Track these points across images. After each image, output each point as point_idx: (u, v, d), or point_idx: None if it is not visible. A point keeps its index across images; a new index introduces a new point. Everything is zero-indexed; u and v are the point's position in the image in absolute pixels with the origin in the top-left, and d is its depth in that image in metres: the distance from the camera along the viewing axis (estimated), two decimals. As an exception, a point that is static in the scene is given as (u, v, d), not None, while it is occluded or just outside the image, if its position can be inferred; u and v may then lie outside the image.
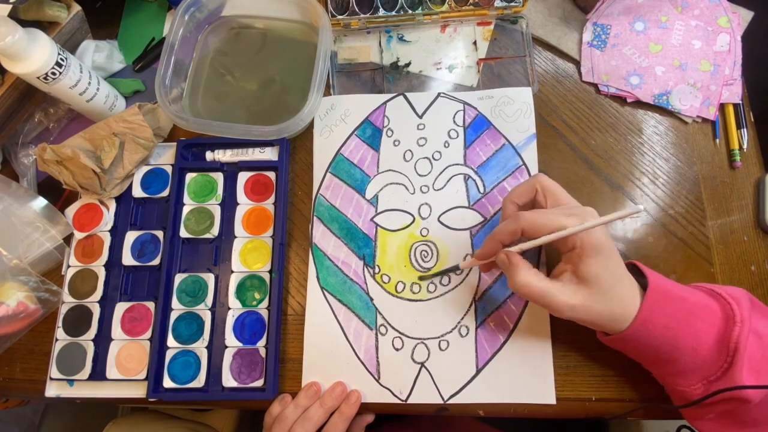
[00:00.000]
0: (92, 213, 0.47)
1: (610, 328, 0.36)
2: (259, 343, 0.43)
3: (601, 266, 0.34)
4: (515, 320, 0.43)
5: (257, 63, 0.52)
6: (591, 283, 0.34)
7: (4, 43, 0.38)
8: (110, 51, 0.52)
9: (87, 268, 0.46)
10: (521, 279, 0.35)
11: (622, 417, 0.42)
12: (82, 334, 0.44)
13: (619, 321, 0.35)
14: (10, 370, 0.45)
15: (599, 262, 0.34)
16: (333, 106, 0.50)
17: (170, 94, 0.46)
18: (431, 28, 0.52)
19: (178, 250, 0.46)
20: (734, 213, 0.46)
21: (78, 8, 0.48)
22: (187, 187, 0.48)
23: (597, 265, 0.34)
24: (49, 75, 0.42)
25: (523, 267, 0.36)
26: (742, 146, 0.47)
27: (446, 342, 0.42)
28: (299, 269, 0.46)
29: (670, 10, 0.51)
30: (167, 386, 0.42)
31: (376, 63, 0.52)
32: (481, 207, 0.45)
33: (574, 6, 0.53)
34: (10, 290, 0.43)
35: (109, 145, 0.44)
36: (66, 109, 0.51)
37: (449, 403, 0.41)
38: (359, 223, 0.46)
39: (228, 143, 0.48)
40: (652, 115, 0.49)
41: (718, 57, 0.49)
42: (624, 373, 0.42)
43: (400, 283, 0.44)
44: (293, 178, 0.49)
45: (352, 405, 0.41)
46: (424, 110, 0.49)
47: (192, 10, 0.49)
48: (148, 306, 0.45)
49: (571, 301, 0.34)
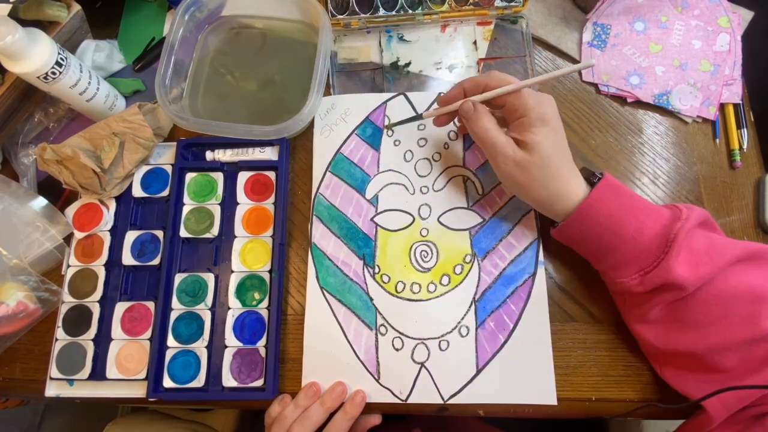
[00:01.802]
0: (92, 213, 0.47)
1: (547, 204, 0.38)
2: (259, 343, 0.43)
3: (542, 136, 0.37)
4: (515, 320, 0.43)
5: (257, 63, 0.52)
6: (532, 150, 0.37)
7: (4, 42, 0.38)
8: (110, 51, 0.52)
9: (87, 268, 0.46)
10: (484, 123, 0.39)
11: (622, 417, 0.42)
12: (82, 333, 0.44)
13: (558, 199, 0.37)
14: (10, 370, 0.45)
15: (542, 132, 0.37)
16: (333, 106, 0.50)
17: (170, 94, 0.46)
18: (431, 27, 0.52)
19: (178, 250, 0.46)
20: (734, 213, 0.46)
21: (78, 8, 0.48)
22: (187, 186, 0.48)
23: (540, 134, 0.37)
24: (49, 75, 0.42)
25: (485, 113, 0.39)
26: (742, 146, 0.47)
27: (446, 342, 0.42)
28: (299, 269, 0.46)
29: (670, 10, 0.51)
30: (167, 386, 0.42)
31: (376, 63, 0.52)
32: (480, 208, 0.46)
33: (574, 6, 0.53)
34: (10, 290, 0.43)
35: (109, 144, 0.44)
36: (66, 109, 0.51)
37: (449, 403, 0.41)
38: (359, 222, 0.46)
39: (228, 143, 0.48)
40: (652, 115, 0.49)
41: (718, 57, 0.49)
42: (624, 373, 0.42)
43: (400, 283, 0.44)
44: (293, 178, 0.49)
45: (356, 405, 0.41)
46: (424, 110, 0.49)
47: (192, 10, 0.49)
48: (148, 306, 0.45)
49: (515, 156, 0.37)
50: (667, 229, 0.35)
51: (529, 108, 0.37)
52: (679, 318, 0.36)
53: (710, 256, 0.34)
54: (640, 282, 0.36)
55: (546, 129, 0.37)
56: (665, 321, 0.37)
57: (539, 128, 0.37)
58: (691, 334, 0.36)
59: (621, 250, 0.36)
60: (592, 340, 0.43)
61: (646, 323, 0.38)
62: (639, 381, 0.41)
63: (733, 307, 0.34)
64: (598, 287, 0.43)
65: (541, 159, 0.36)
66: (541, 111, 0.37)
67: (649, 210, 0.36)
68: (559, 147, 0.38)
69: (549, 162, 0.37)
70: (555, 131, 0.37)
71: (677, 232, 0.34)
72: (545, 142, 0.36)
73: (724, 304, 0.34)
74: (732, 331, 0.34)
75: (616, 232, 0.36)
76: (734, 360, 0.35)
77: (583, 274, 0.44)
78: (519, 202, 0.45)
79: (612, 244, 0.36)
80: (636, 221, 0.36)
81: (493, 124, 0.39)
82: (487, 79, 0.39)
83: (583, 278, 0.44)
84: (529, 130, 0.37)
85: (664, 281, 0.34)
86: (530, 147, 0.37)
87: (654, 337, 0.38)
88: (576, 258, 0.44)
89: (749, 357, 0.34)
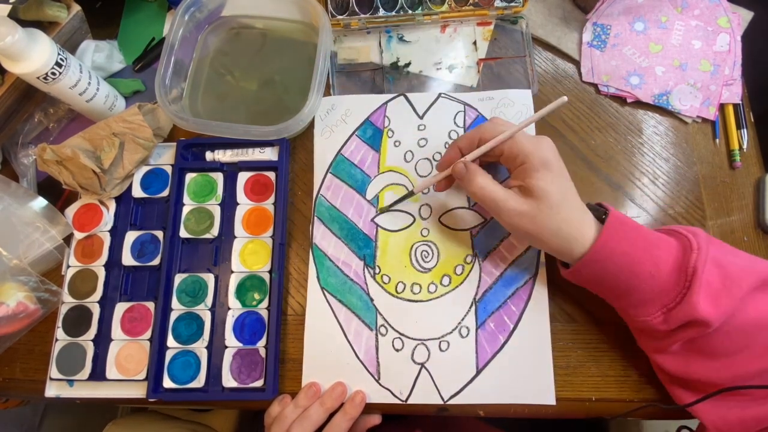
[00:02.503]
0: (92, 213, 0.47)
1: (561, 250, 0.36)
2: (259, 344, 0.43)
3: (548, 181, 0.35)
4: (515, 321, 0.43)
5: (257, 63, 0.52)
6: (537, 197, 0.35)
7: (4, 43, 0.38)
8: (110, 51, 0.52)
9: (87, 268, 0.46)
10: (478, 182, 0.37)
11: (622, 417, 0.42)
12: (82, 334, 0.44)
13: (571, 243, 0.36)
14: (10, 370, 0.45)
15: (546, 177, 0.35)
16: (334, 107, 0.50)
17: (170, 94, 0.46)
18: (431, 28, 0.52)
19: (178, 250, 0.46)
20: (734, 213, 0.46)
21: (78, 8, 0.48)
22: (187, 187, 0.48)
23: (544, 179, 0.35)
24: (49, 75, 0.42)
25: (479, 172, 0.38)
26: (742, 146, 0.47)
27: (446, 343, 0.42)
28: (299, 269, 0.46)
29: (670, 10, 0.51)
30: (167, 386, 0.42)
31: (376, 63, 0.52)
32: (481, 208, 0.45)
33: (574, 6, 0.53)
34: (10, 290, 0.43)
35: (109, 145, 0.44)
36: (66, 109, 0.51)
37: (449, 403, 0.41)
38: (360, 223, 0.46)
39: (228, 143, 0.48)
40: (652, 115, 0.49)
41: (718, 57, 0.49)
42: (624, 373, 0.42)
43: (401, 284, 0.44)
44: (293, 178, 0.49)
45: (356, 405, 0.41)
46: (424, 111, 0.49)
47: (192, 10, 0.49)
48: (147, 306, 0.45)
49: (519, 208, 0.36)
50: (683, 263, 0.34)
51: (527, 153, 0.36)
52: (699, 350, 0.35)
53: (728, 289, 0.33)
54: (664, 320, 0.34)
55: (550, 174, 0.35)
56: (686, 352, 0.36)
57: (543, 174, 0.35)
58: (714, 365, 0.35)
59: (640, 289, 0.35)
60: (592, 340, 0.43)
61: (665, 354, 0.37)
62: (639, 381, 0.41)
63: (755, 337, 0.33)
64: (598, 287, 0.43)
65: (550, 207, 0.35)
66: (542, 156, 0.35)
67: (659, 241, 0.35)
68: (565, 191, 0.36)
69: (558, 209, 0.35)
70: (559, 175, 0.36)
71: (695, 265, 0.33)
72: (551, 188, 0.35)
73: (745, 335, 0.34)
74: (755, 361, 0.34)
75: (634, 271, 0.34)
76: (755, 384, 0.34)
77: (583, 275, 0.44)
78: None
79: (631, 284, 0.35)
80: (651, 256, 0.34)
81: (489, 180, 0.37)
82: (480, 133, 0.38)
83: (583, 278, 0.44)
84: (533, 176, 0.35)
85: (689, 319, 0.33)
86: (536, 195, 0.35)
87: (674, 367, 0.37)
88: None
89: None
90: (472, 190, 0.38)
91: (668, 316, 0.34)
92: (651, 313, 0.35)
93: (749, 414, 0.34)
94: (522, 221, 0.36)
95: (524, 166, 0.36)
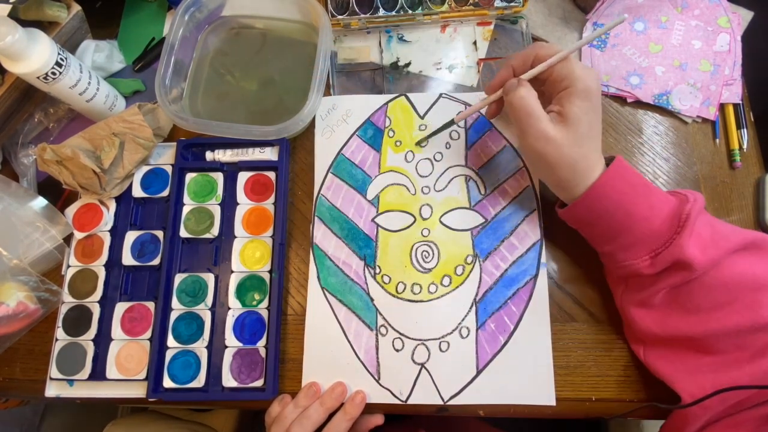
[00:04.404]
0: (92, 213, 0.47)
1: (567, 185, 0.37)
2: (259, 343, 0.43)
3: (583, 110, 0.36)
4: (516, 321, 0.43)
5: (257, 63, 0.52)
6: (571, 123, 0.36)
7: (4, 43, 0.38)
8: (110, 51, 0.52)
9: (87, 268, 0.46)
10: (521, 92, 0.37)
11: (622, 417, 0.42)
12: (82, 334, 0.44)
13: (578, 180, 0.36)
14: (10, 370, 0.45)
15: (584, 105, 0.36)
16: (334, 107, 0.50)
17: (170, 94, 0.46)
18: (431, 28, 0.52)
19: (178, 250, 0.46)
20: (734, 213, 0.46)
21: (78, 8, 0.48)
22: (187, 187, 0.48)
23: (580, 107, 0.36)
24: (49, 75, 0.42)
25: (527, 85, 0.37)
26: (742, 146, 0.47)
27: (447, 343, 0.42)
28: (299, 269, 0.46)
29: (670, 10, 0.51)
30: (167, 386, 0.42)
31: (376, 63, 0.52)
32: (482, 208, 0.45)
33: (574, 6, 0.53)
34: (10, 290, 0.43)
35: (109, 145, 0.44)
36: (66, 109, 0.51)
37: (449, 404, 0.41)
38: (360, 223, 0.46)
39: (228, 143, 0.48)
40: (652, 115, 0.49)
41: (718, 57, 0.49)
42: (624, 373, 0.42)
43: (401, 284, 0.44)
44: (293, 178, 0.49)
45: (356, 405, 0.41)
46: (425, 111, 0.49)
47: (192, 10, 0.49)
48: (148, 306, 0.45)
49: (551, 133, 0.36)
50: (677, 210, 0.35)
51: (575, 77, 0.35)
52: (681, 303, 0.36)
53: (715, 241, 0.35)
54: (651, 263, 0.36)
55: (587, 104, 0.36)
56: (666, 306, 0.37)
57: (582, 102, 0.35)
58: (692, 319, 0.36)
59: (633, 229, 0.36)
60: (592, 340, 0.43)
61: (645, 308, 0.38)
62: (639, 381, 0.41)
63: (736, 294, 0.35)
64: (599, 288, 0.43)
65: (577, 137, 0.36)
66: (587, 84, 0.35)
67: (659, 193, 0.37)
68: (594, 126, 0.37)
69: (582, 142, 0.36)
70: (594, 109, 0.36)
71: (689, 212, 0.34)
72: (584, 118, 0.35)
73: (727, 290, 0.35)
74: (733, 318, 0.34)
75: (629, 211, 0.36)
76: (730, 345, 0.35)
77: (584, 274, 0.44)
78: (522, 202, 0.45)
79: (624, 224, 0.36)
80: (647, 201, 0.36)
81: (534, 96, 0.37)
82: (535, 50, 0.38)
83: (584, 278, 0.44)
84: (573, 102, 0.36)
85: (676, 260, 0.34)
86: (569, 121, 0.36)
87: (652, 322, 0.38)
88: (577, 257, 0.44)
89: (746, 344, 0.35)
90: (512, 100, 0.37)
91: (656, 259, 0.35)
92: (639, 256, 0.36)
93: (721, 379, 0.34)
94: (547, 147, 0.36)
95: (568, 90, 0.36)
